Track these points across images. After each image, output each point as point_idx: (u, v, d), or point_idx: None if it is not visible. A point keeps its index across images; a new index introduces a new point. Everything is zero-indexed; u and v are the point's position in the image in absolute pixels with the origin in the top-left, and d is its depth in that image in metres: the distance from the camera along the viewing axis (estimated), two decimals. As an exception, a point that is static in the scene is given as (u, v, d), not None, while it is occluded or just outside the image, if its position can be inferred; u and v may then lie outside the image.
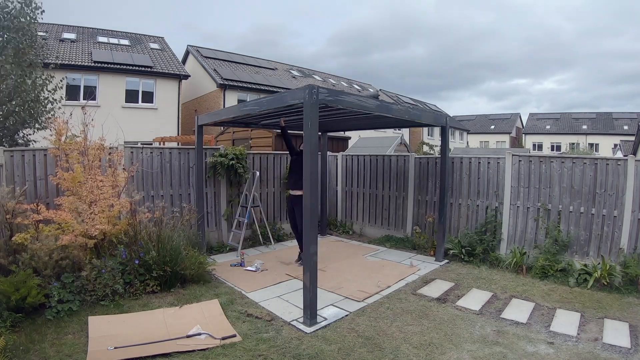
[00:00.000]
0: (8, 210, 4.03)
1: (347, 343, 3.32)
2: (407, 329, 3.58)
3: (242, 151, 6.65)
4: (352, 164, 8.19)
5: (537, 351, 3.18)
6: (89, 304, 3.91)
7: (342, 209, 8.44)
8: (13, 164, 4.56)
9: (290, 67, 24.65)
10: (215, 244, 6.51)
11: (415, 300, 4.31)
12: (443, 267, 5.60)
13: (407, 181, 7.10)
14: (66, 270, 3.98)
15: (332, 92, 3.86)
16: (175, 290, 4.42)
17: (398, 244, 6.91)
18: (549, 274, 4.97)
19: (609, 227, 4.95)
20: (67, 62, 12.83)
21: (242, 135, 10.36)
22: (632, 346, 3.25)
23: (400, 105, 7.23)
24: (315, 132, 3.68)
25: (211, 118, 5.98)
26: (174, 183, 6.03)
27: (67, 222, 4.09)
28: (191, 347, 3.15)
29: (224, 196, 6.71)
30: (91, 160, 4.44)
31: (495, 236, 5.86)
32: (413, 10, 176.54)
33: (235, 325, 3.59)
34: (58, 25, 16.08)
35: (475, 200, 6.16)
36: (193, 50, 19.87)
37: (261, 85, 18.22)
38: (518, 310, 4.02)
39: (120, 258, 4.24)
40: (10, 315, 3.40)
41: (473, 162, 6.20)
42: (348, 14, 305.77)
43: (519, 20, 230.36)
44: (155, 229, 4.63)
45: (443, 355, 3.11)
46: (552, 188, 5.38)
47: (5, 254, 3.93)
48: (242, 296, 4.40)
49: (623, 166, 4.88)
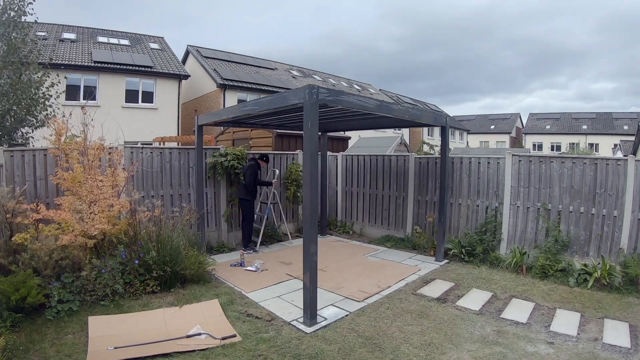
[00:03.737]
0: (8, 210, 4.03)
1: (347, 343, 3.32)
2: (407, 329, 3.58)
3: (242, 151, 6.65)
4: (352, 164, 8.19)
5: (537, 351, 3.18)
6: (89, 304, 3.91)
7: (342, 209, 8.44)
8: (13, 164, 4.56)
9: (290, 67, 24.64)
10: (215, 244, 6.51)
11: (415, 300, 4.31)
12: (443, 267, 5.60)
13: (407, 181, 7.10)
14: (66, 270, 3.97)
15: (332, 92, 3.86)
16: (175, 290, 4.42)
17: (398, 244, 6.91)
18: (549, 274, 4.97)
19: (609, 227, 4.95)
20: (67, 62, 12.85)
21: (242, 135, 10.37)
22: (632, 346, 3.25)
23: (400, 105, 7.23)
24: (315, 132, 3.68)
25: (211, 118, 5.98)
26: (174, 183, 6.03)
27: (67, 221, 4.09)
28: (191, 347, 3.16)
29: (224, 196, 6.71)
30: (91, 160, 4.44)
31: (495, 236, 5.85)
32: None
33: (235, 325, 3.59)
34: (58, 25, 16.09)
35: (475, 200, 6.16)
36: (193, 50, 19.86)
37: (261, 85, 18.21)
38: (518, 310, 4.02)
39: (120, 258, 4.24)
40: (10, 315, 3.40)
41: (473, 162, 6.20)
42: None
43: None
44: (155, 229, 4.64)
45: (443, 355, 3.11)
46: (552, 188, 5.38)
47: (5, 254, 3.93)
48: (242, 296, 4.40)
49: (623, 166, 4.88)
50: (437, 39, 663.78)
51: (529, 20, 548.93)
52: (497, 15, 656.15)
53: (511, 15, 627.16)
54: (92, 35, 16.25)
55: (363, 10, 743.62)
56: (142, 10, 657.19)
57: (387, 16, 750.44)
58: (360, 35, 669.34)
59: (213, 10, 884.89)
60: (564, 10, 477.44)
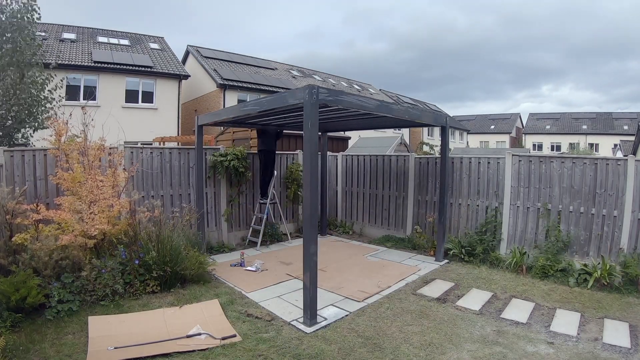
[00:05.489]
0: (8, 211, 4.03)
1: (347, 343, 3.32)
2: (407, 329, 3.58)
3: (242, 151, 6.65)
4: (352, 164, 8.19)
5: (537, 351, 3.18)
6: (89, 304, 3.91)
7: (342, 209, 8.44)
8: (13, 164, 4.56)
9: (290, 67, 24.63)
10: (215, 244, 6.50)
11: (415, 300, 4.31)
12: (443, 267, 5.60)
13: (407, 181, 7.10)
14: (66, 270, 3.98)
15: (332, 92, 3.86)
16: (175, 290, 4.42)
17: (398, 244, 6.91)
18: (549, 274, 4.97)
19: (609, 227, 4.95)
20: (67, 62, 12.84)
21: (242, 135, 10.35)
22: (632, 346, 3.25)
23: (400, 105, 7.23)
24: (315, 132, 3.68)
25: (211, 118, 5.98)
26: (174, 183, 6.03)
27: (67, 222, 4.09)
28: (191, 347, 3.16)
29: (224, 196, 6.71)
30: (91, 161, 4.44)
31: (495, 236, 5.85)
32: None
33: (235, 325, 3.59)
34: (58, 25, 16.07)
35: (475, 200, 6.16)
36: (193, 50, 19.85)
37: (261, 85, 18.20)
38: (518, 310, 4.01)
39: (120, 258, 4.24)
40: (10, 315, 3.40)
41: (473, 162, 6.20)
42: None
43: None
44: (155, 229, 4.63)
45: (443, 355, 3.11)
46: (552, 188, 5.38)
47: (5, 254, 3.93)
48: (242, 296, 4.40)
49: (623, 166, 4.88)
50: (435, 62, 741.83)
51: (510, 49, 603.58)
52: (482, 45, 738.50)
53: (496, 44, 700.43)
54: (92, 35, 16.24)
55: (382, 47, 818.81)
56: (147, 10, 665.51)
57: (400, 46, 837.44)
58: (376, 61, 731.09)
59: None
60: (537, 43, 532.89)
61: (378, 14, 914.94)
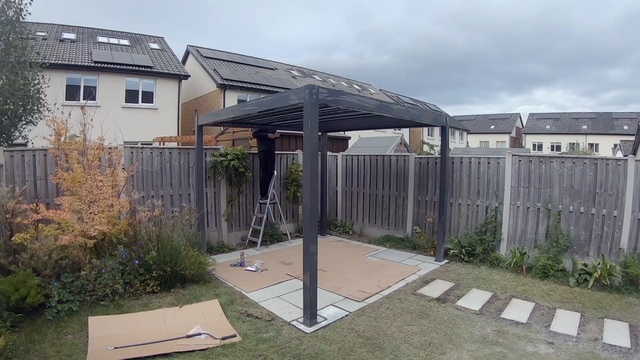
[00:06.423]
0: (8, 210, 4.03)
1: (347, 343, 3.31)
2: (407, 329, 3.58)
3: (242, 151, 6.65)
4: (352, 164, 8.19)
5: (537, 351, 3.18)
6: (89, 304, 3.90)
7: (342, 209, 8.44)
8: (13, 164, 4.56)
9: (290, 67, 24.63)
10: (215, 244, 6.50)
11: (415, 300, 4.31)
12: (443, 267, 5.60)
13: (407, 181, 7.10)
14: (66, 270, 3.97)
15: (332, 92, 3.86)
16: (175, 290, 4.41)
17: (398, 244, 6.91)
18: (549, 274, 4.97)
19: (609, 227, 4.95)
20: (67, 62, 12.84)
21: (242, 135, 10.34)
22: (632, 346, 3.25)
23: (400, 105, 7.22)
24: (315, 132, 3.68)
25: (211, 118, 5.98)
26: (174, 183, 6.03)
27: (67, 221, 4.09)
28: (191, 347, 3.15)
29: (224, 196, 6.71)
30: (91, 160, 4.44)
31: (495, 236, 5.85)
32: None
33: (235, 325, 3.59)
34: (58, 25, 16.07)
35: (475, 200, 6.16)
36: (193, 50, 19.85)
37: (261, 85, 18.20)
38: (518, 310, 4.01)
39: (120, 258, 4.24)
40: (10, 315, 3.40)
41: (473, 162, 6.20)
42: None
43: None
44: (155, 229, 4.63)
45: (443, 355, 3.11)
46: (552, 188, 5.38)
47: (5, 254, 3.93)
48: (242, 296, 4.40)
49: (623, 166, 4.88)
50: (434, 71, 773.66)
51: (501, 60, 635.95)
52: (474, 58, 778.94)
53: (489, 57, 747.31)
54: (92, 35, 16.24)
55: (386, 59, 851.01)
56: (145, 10, 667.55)
57: (406, 57, 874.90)
58: (381, 69, 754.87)
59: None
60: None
61: (388, 33, 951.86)
